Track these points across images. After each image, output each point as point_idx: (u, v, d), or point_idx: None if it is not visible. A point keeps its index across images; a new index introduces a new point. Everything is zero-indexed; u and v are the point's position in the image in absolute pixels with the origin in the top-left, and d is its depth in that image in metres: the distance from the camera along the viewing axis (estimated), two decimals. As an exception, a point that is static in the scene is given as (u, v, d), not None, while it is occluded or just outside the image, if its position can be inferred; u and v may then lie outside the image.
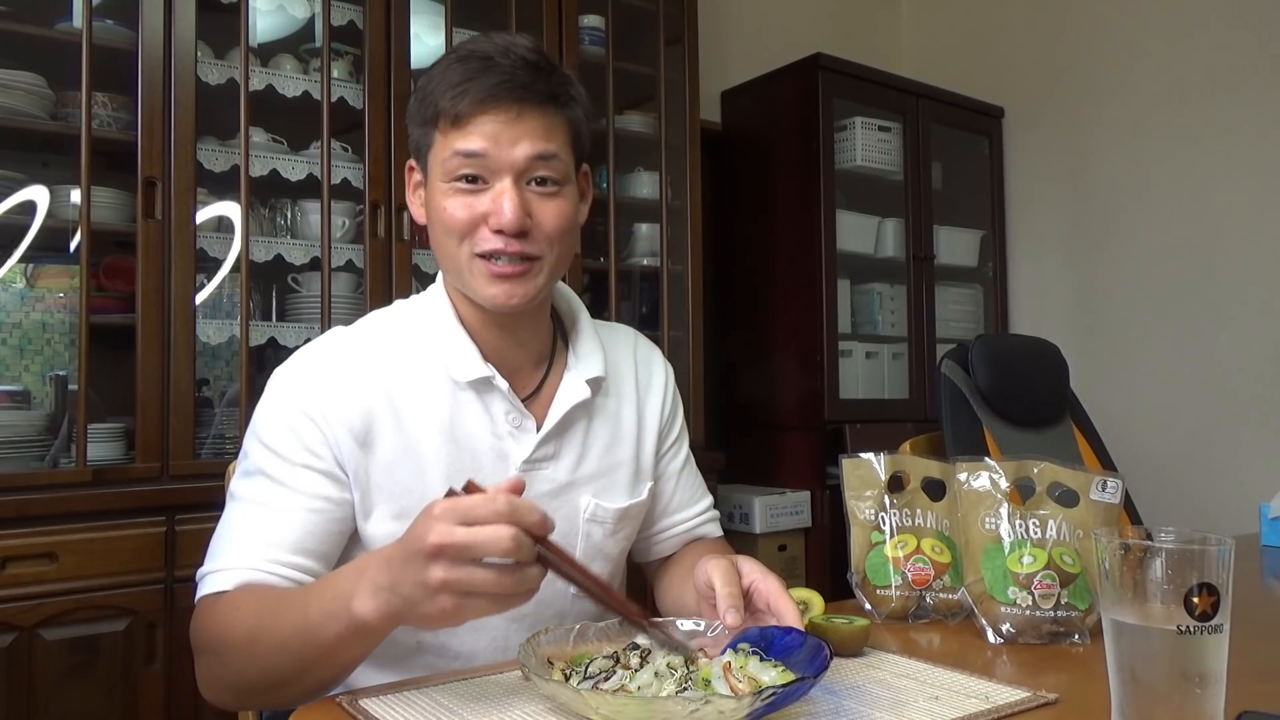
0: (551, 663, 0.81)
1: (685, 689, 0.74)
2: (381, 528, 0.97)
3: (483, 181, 0.96)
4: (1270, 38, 2.88)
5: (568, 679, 0.77)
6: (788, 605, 0.89)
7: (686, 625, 0.91)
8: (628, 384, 1.14)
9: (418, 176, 1.04)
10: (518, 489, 0.74)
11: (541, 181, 0.98)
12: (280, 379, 1.00)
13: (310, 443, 0.95)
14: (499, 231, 0.95)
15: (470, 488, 0.75)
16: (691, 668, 0.78)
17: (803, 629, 0.85)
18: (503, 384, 1.01)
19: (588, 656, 0.81)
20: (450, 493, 0.74)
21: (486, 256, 0.97)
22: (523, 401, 1.04)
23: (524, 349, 1.07)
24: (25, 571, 1.79)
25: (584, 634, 0.87)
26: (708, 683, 0.75)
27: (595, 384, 1.07)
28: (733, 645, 0.84)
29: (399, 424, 0.98)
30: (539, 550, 0.74)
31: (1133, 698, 0.67)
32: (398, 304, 1.10)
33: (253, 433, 0.98)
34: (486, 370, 1.00)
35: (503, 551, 0.70)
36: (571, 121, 1.00)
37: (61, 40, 1.97)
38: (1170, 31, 3.10)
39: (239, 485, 0.97)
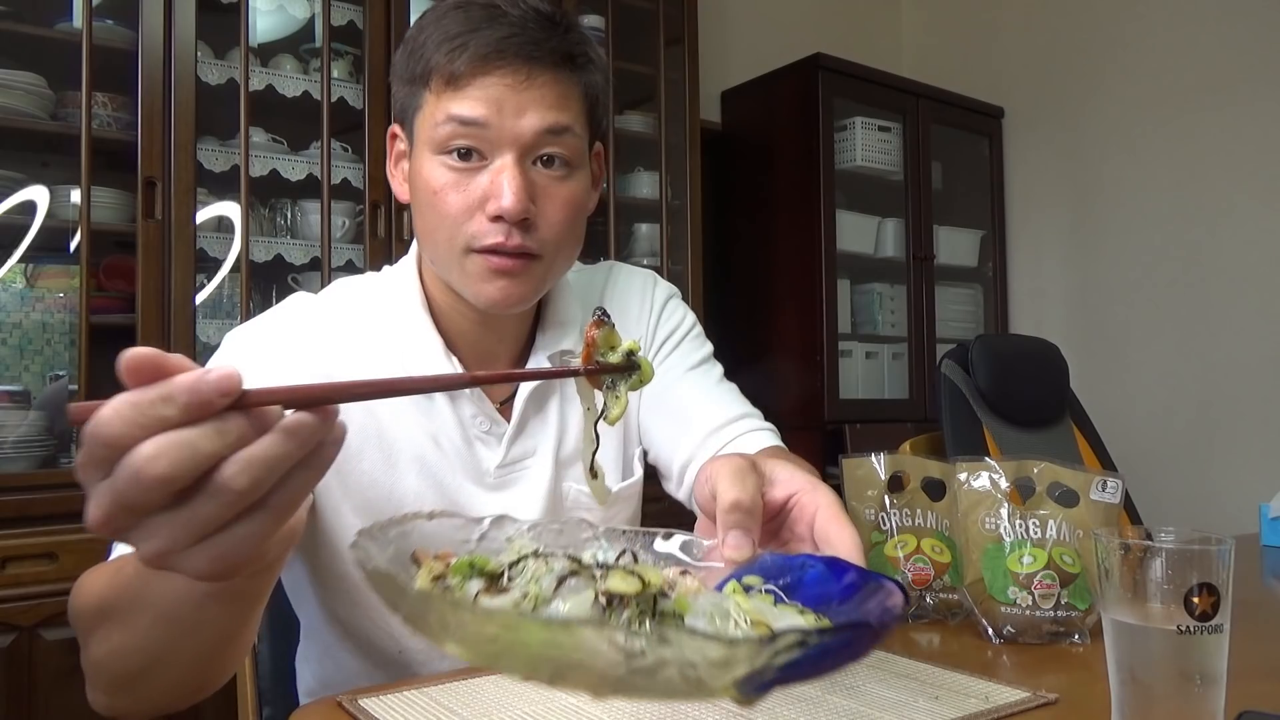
0: (418, 561, 0.51)
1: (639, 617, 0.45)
2: (343, 521, 0.87)
3: (480, 156, 0.81)
4: (1270, 38, 2.88)
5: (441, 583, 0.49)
6: (844, 530, 0.61)
7: (662, 547, 0.62)
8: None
9: (401, 145, 0.89)
10: None
11: (549, 161, 0.83)
12: (231, 343, 0.89)
13: None
14: (497, 219, 0.81)
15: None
16: (657, 593, 0.47)
17: (864, 565, 0.57)
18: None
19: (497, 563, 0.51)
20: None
21: (482, 251, 0.83)
22: (501, 403, 0.93)
23: (504, 344, 0.94)
24: (25, 571, 1.79)
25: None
26: (680, 616, 0.47)
27: (560, 357, 0.93)
28: (737, 577, 0.56)
29: (368, 406, 0.87)
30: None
31: (1133, 698, 0.67)
32: (370, 276, 0.97)
33: None
34: (447, 367, 0.89)
35: None
36: (588, 89, 0.85)
37: (61, 40, 1.98)
38: (1170, 31, 3.10)
39: None
